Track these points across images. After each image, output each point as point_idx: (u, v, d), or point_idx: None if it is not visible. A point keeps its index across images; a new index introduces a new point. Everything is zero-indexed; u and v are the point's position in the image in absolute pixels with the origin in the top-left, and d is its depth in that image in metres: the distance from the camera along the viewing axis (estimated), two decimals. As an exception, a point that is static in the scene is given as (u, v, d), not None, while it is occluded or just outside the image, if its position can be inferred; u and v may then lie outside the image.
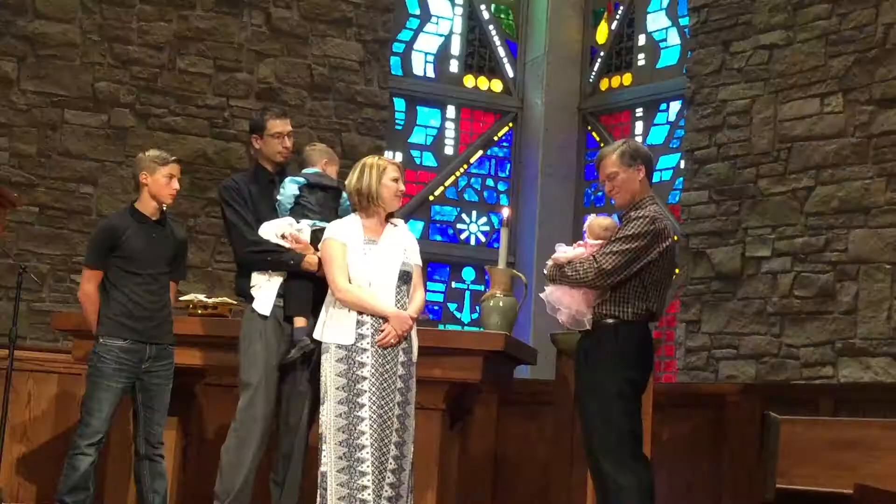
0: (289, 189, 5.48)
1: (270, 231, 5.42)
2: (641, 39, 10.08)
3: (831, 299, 7.72)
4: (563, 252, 5.09)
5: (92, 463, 5.46)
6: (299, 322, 5.33)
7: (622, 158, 5.10)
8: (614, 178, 5.11)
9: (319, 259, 5.27)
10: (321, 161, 5.66)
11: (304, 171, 5.61)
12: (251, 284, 5.41)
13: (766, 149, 8.22)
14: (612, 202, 5.35)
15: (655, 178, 9.62)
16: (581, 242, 5.14)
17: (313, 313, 5.30)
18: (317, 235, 5.37)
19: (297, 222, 5.45)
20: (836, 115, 7.86)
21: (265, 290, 5.38)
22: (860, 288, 7.58)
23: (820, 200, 7.87)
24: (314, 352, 5.24)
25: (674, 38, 9.83)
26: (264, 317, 5.35)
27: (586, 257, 4.99)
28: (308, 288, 5.37)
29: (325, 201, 5.56)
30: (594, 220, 5.17)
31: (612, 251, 4.92)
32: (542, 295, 5.10)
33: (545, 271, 5.13)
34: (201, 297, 6.25)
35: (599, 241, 5.05)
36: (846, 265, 7.67)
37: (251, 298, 5.42)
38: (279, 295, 5.39)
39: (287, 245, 5.37)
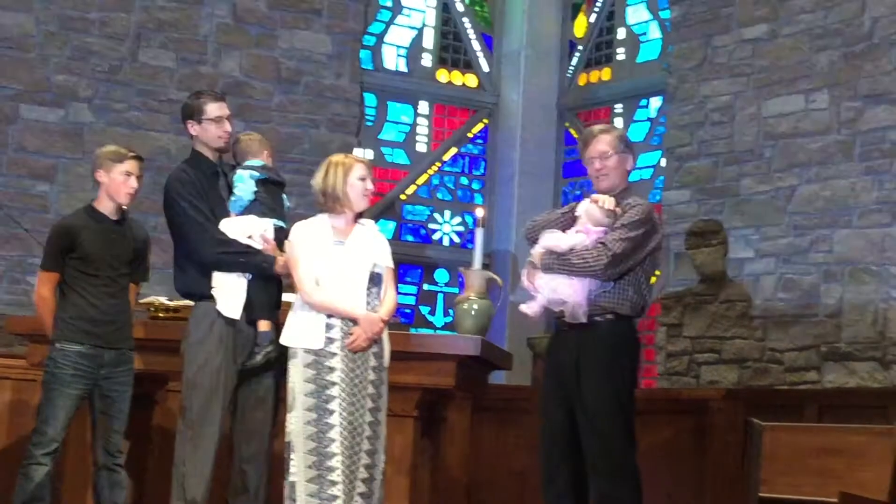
0: (249, 184, 5.37)
1: (237, 230, 5.33)
2: (621, 33, 10.10)
3: (816, 302, 7.75)
4: (559, 239, 4.97)
5: (47, 473, 5.42)
6: (263, 326, 5.30)
7: (618, 141, 5.07)
8: (607, 158, 5.03)
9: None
10: (263, 152, 5.56)
11: (249, 163, 5.47)
12: (213, 285, 5.32)
13: (750, 146, 8.25)
14: (591, 186, 5.26)
15: (635, 177, 9.71)
16: (580, 229, 5.01)
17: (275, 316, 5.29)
18: (278, 235, 5.33)
19: (260, 220, 5.38)
20: (822, 111, 7.90)
21: (230, 292, 5.29)
22: (846, 290, 7.62)
23: (805, 200, 7.91)
24: (276, 357, 5.22)
25: (654, 32, 9.85)
26: (227, 319, 5.28)
27: (592, 244, 4.91)
28: (272, 290, 5.34)
29: (276, 197, 5.50)
30: (595, 207, 5.01)
31: (622, 237, 4.85)
32: (538, 282, 4.97)
33: (535, 259, 4.98)
34: (163, 299, 6.21)
35: (601, 228, 4.96)
36: (832, 267, 7.70)
37: (203, 297, 5.34)
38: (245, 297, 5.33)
39: (257, 245, 5.32)
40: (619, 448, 4.89)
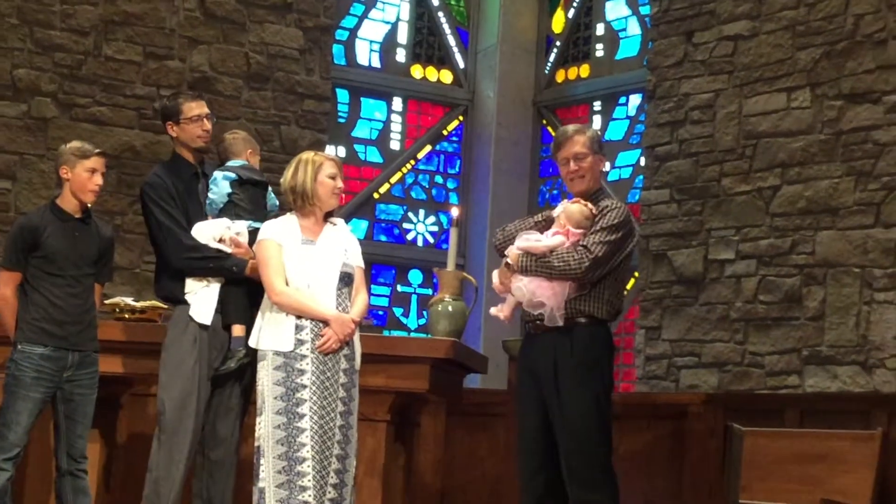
0: (222, 186, 5.40)
1: (207, 234, 5.35)
2: (600, 29, 10.14)
3: (797, 304, 7.80)
4: (537, 241, 5.00)
5: (9, 479, 5.40)
6: (237, 331, 5.31)
7: (592, 142, 5.11)
8: (583, 160, 5.07)
9: (259, 263, 5.25)
10: (246, 151, 5.59)
11: (231, 163, 5.51)
12: (186, 291, 5.36)
13: (731, 145, 8.30)
14: (566, 188, 5.29)
15: (614, 176, 9.76)
16: (559, 230, 5.03)
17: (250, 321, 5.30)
18: (254, 237, 5.34)
19: (232, 223, 5.40)
20: (804, 110, 7.95)
21: (203, 297, 5.33)
22: (827, 293, 7.67)
23: (786, 200, 7.96)
24: (249, 363, 5.23)
25: (634, 28, 9.90)
26: (201, 325, 5.31)
27: (571, 247, 4.93)
28: (246, 294, 5.35)
29: (256, 198, 5.52)
30: (575, 208, 5.03)
31: (602, 241, 4.89)
32: (515, 284, 5.00)
33: (511, 261, 4.99)
34: (128, 300, 6.21)
35: (581, 230, 4.99)
36: (813, 269, 7.75)
37: (179, 303, 5.37)
38: (218, 302, 5.35)
39: (227, 249, 5.34)
40: (596, 453, 4.93)
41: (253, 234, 5.34)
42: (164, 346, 5.37)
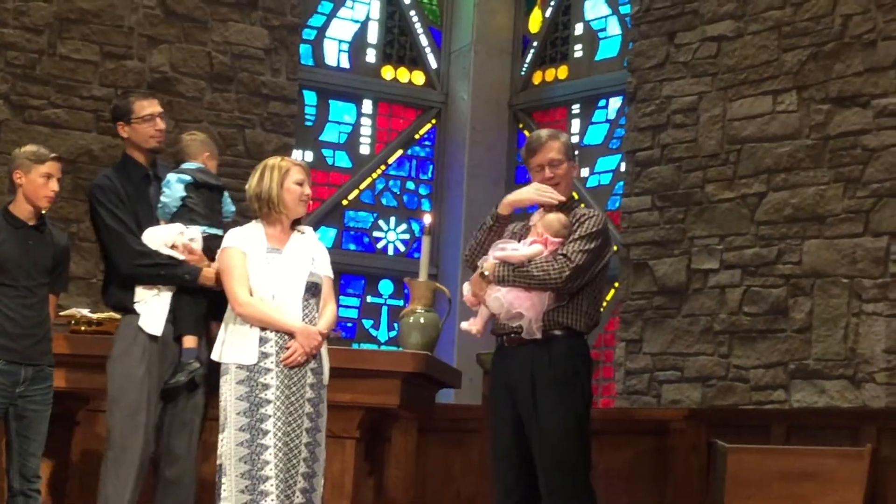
0: (176, 190, 5.37)
1: (158, 240, 5.32)
2: (578, 29, 10.18)
3: (783, 316, 7.84)
4: (514, 250, 5.02)
5: (-42, 499, 5.39)
6: (189, 342, 5.29)
7: (567, 149, 5.17)
8: (558, 166, 5.12)
9: (217, 272, 5.23)
10: (202, 154, 5.55)
11: (185, 165, 5.48)
12: (135, 299, 5.33)
13: (714, 150, 8.34)
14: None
15: (593, 182, 9.79)
16: (537, 239, 5.05)
17: (204, 332, 5.29)
18: (209, 244, 5.33)
19: (186, 228, 5.38)
20: (790, 114, 8.00)
21: (153, 306, 5.30)
22: (815, 304, 7.71)
23: (772, 208, 8.00)
24: (203, 376, 5.22)
25: (614, 28, 9.94)
26: (151, 336, 5.28)
27: (550, 256, 4.95)
28: (199, 304, 5.32)
29: (211, 203, 5.50)
30: (552, 216, 5.07)
31: (582, 249, 4.93)
32: (492, 295, 5.01)
33: (486, 272, 5.01)
34: (84, 311, 6.18)
35: (559, 239, 5.01)
36: (800, 279, 7.80)
37: (128, 312, 5.34)
38: (169, 311, 5.33)
39: (179, 256, 5.32)
40: (575, 469, 4.96)
41: (207, 240, 5.34)
42: (111, 359, 5.32)
